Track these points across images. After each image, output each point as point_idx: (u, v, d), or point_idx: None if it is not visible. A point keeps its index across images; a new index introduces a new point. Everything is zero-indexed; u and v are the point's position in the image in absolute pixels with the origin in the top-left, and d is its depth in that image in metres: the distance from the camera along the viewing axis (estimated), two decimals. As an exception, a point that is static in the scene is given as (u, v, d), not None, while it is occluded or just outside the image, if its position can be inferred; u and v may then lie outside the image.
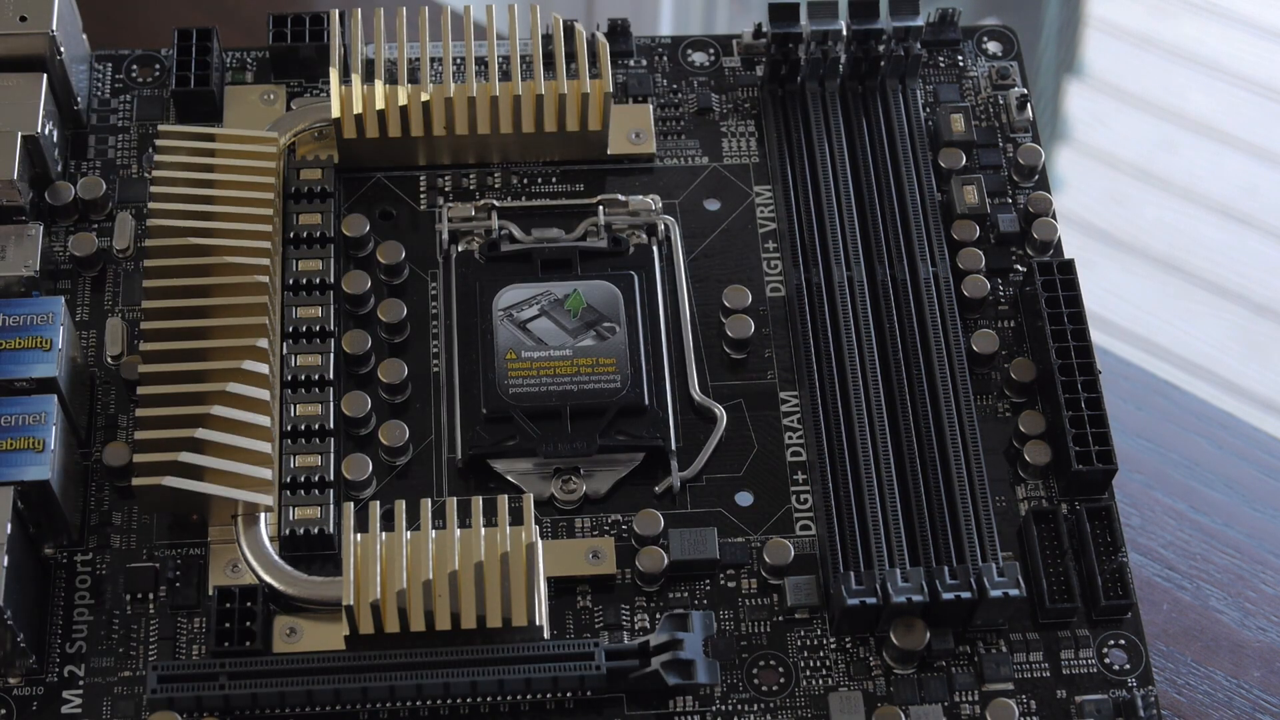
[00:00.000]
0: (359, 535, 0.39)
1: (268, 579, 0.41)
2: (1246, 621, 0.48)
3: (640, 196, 0.48)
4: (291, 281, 0.45)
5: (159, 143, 0.46)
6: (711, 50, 0.51)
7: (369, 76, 0.48)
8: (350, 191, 0.48)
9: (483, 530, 0.40)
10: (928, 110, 0.49)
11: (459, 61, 0.48)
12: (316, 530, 0.42)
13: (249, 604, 0.40)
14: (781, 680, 0.41)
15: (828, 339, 0.44)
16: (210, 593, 0.41)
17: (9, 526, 0.39)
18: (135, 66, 0.50)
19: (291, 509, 0.42)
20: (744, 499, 0.44)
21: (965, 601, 0.40)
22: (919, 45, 0.48)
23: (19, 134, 0.45)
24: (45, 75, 0.46)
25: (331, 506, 0.42)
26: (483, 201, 0.48)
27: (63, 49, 0.47)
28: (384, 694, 0.39)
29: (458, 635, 0.39)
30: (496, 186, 0.48)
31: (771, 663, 0.41)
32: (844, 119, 0.48)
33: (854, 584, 0.40)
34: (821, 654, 0.41)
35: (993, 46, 0.51)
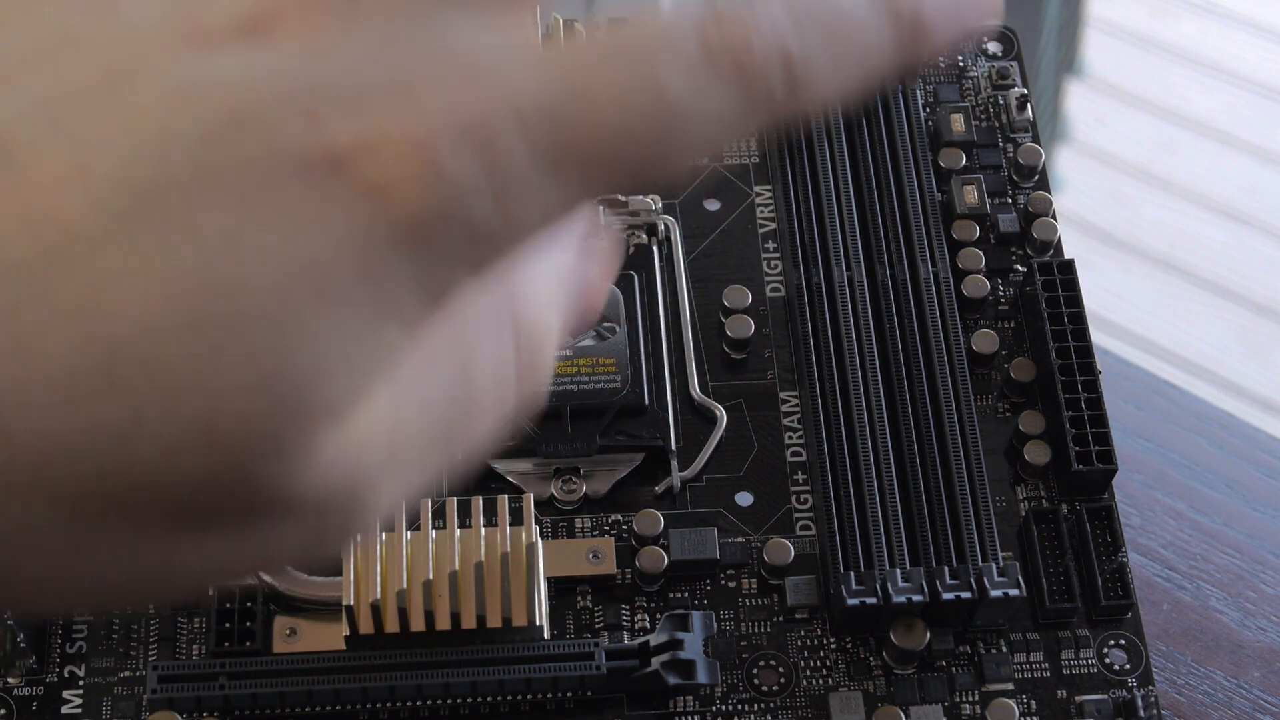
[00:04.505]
0: (359, 535, 0.39)
1: (268, 579, 0.41)
2: (1246, 621, 0.48)
3: (640, 196, 0.48)
4: (291, 281, 0.45)
5: (159, 143, 0.46)
6: (711, 50, 0.51)
7: (369, 76, 0.48)
8: (350, 191, 0.48)
9: (483, 530, 0.40)
10: (928, 110, 0.49)
11: (459, 61, 0.48)
12: (316, 530, 0.42)
13: (249, 604, 0.40)
14: (781, 680, 0.41)
15: (828, 339, 0.44)
16: (210, 593, 0.41)
17: (9, 526, 0.39)
18: (135, 66, 0.50)
19: (291, 509, 0.42)
20: (744, 499, 0.44)
21: (965, 601, 0.40)
22: (919, 45, 0.48)
23: (19, 134, 0.45)
24: (45, 75, 0.46)
25: (331, 506, 0.42)
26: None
27: (63, 49, 0.47)
28: (384, 694, 0.39)
29: (458, 635, 0.39)
30: (496, 186, 0.48)
31: (771, 663, 0.41)
32: (844, 119, 0.48)
33: (854, 584, 0.40)
34: (821, 654, 0.41)
35: (993, 46, 0.51)
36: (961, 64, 0.51)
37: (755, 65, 0.24)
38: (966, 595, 0.40)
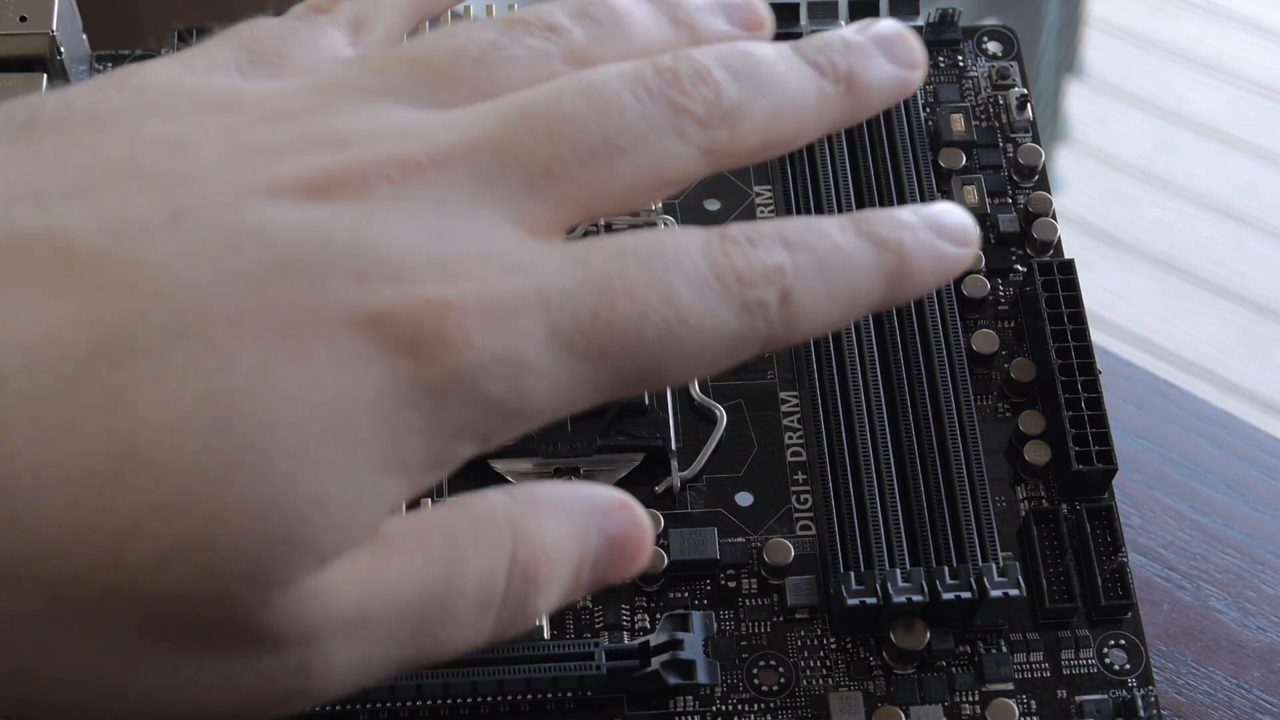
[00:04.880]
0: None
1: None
2: (1246, 621, 0.48)
3: (640, 196, 0.47)
4: (291, 281, 0.45)
5: (159, 143, 0.46)
6: (711, 50, 0.51)
7: (369, 76, 0.47)
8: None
9: (483, 530, 0.40)
10: (928, 110, 0.49)
11: (459, 61, 0.48)
12: (316, 530, 0.42)
13: (249, 604, 0.40)
14: (781, 680, 0.41)
15: (828, 339, 0.44)
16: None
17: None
18: (135, 66, 0.50)
19: (291, 509, 0.42)
20: (744, 499, 0.44)
21: (965, 601, 0.40)
22: (919, 45, 0.48)
23: (19, 134, 0.45)
24: (45, 75, 0.46)
25: (331, 506, 0.42)
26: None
27: (63, 49, 0.47)
28: (384, 694, 0.39)
29: (458, 635, 0.39)
30: (496, 186, 0.48)
31: (771, 663, 0.41)
32: (844, 119, 0.48)
33: (854, 584, 0.40)
34: (821, 654, 0.41)
35: (993, 46, 0.51)
36: (961, 64, 0.51)
37: (755, 288, 0.26)
38: (966, 595, 0.40)
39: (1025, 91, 0.50)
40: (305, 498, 0.23)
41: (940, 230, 0.28)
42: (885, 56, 0.29)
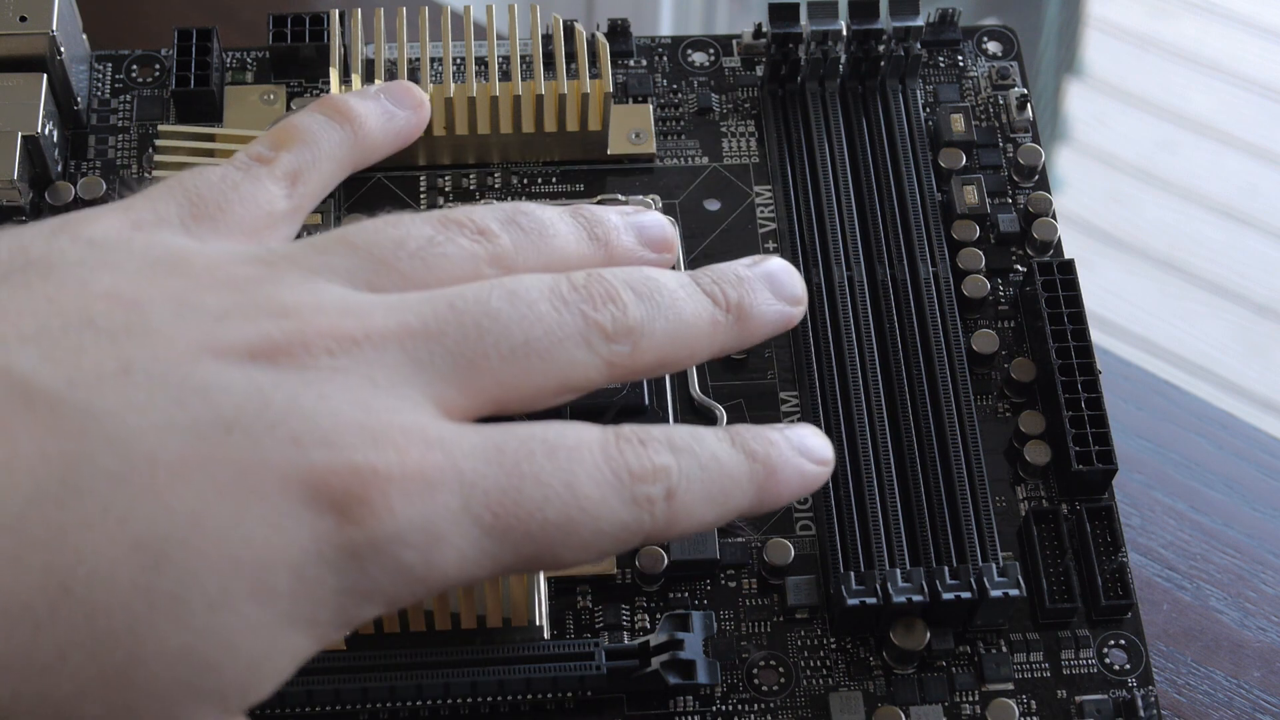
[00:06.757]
0: None
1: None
2: (1246, 621, 0.48)
3: (640, 196, 0.48)
4: (291, 281, 0.45)
5: (159, 143, 0.46)
6: (711, 50, 0.51)
7: (369, 77, 0.48)
8: (350, 192, 0.48)
9: (483, 530, 0.40)
10: (928, 110, 0.49)
11: (459, 62, 0.48)
12: (316, 530, 0.42)
13: (249, 604, 0.40)
14: (781, 680, 0.41)
15: (828, 339, 0.44)
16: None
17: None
18: (135, 66, 0.50)
19: (291, 509, 0.42)
20: (744, 499, 0.43)
21: (965, 601, 0.40)
22: (919, 45, 0.48)
23: (19, 134, 0.45)
24: (45, 75, 0.46)
25: (331, 506, 0.42)
26: (483, 202, 0.48)
27: (63, 49, 0.47)
28: (384, 694, 0.39)
29: (458, 635, 0.39)
30: (496, 187, 0.48)
31: (771, 663, 0.41)
32: (844, 119, 0.48)
33: (854, 584, 0.40)
34: (821, 654, 0.41)
35: (993, 46, 0.51)
36: (961, 64, 0.51)
37: (644, 484, 0.29)
38: (966, 595, 0.40)
39: (1025, 91, 0.50)
40: (219, 648, 0.25)
41: (803, 450, 0.32)
42: (771, 292, 0.33)
